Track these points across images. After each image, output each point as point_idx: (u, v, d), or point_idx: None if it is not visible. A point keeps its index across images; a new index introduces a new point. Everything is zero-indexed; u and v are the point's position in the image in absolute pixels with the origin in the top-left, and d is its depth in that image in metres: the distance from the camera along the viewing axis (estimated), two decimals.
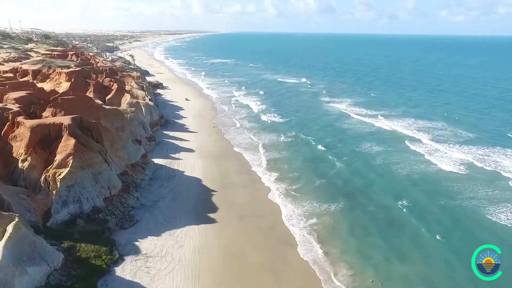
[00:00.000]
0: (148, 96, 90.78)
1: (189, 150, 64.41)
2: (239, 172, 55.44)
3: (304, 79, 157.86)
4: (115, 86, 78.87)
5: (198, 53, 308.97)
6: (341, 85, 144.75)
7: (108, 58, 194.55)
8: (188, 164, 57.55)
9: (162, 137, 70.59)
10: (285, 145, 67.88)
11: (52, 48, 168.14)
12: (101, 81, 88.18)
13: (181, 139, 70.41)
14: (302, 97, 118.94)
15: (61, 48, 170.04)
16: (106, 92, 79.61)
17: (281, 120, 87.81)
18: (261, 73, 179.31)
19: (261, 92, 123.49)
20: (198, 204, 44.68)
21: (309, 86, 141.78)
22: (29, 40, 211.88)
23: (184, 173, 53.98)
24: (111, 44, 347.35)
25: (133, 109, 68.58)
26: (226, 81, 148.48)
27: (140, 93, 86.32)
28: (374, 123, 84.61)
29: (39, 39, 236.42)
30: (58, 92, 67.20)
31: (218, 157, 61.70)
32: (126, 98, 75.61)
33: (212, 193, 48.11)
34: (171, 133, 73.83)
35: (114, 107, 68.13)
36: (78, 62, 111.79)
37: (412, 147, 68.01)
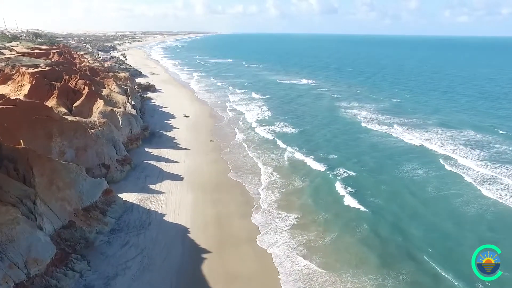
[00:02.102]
0: (131, 102, 74.50)
1: (176, 178, 47.95)
2: (242, 215, 38.91)
3: (309, 81, 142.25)
4: (86, 90, 62.65)
5: (197, 53, 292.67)
6: (348, 87, 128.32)
7: (99, 57, 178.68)
8: (173, 202, 41.11)
9: (143, 157, 54.20)
10: (295, 171, 50.81)
11: (36, 46, 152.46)
12: (73, 83, 72.22)
13: (167, 160, 54.00)
14: (307, 101, 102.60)
15: (45, 47, 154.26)
16: (76, 97, 63.46)
17: (286, 130, 71.47)
18: (264, 74, 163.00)
19: (264, 96, 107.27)
20: (179, 282, 28.19)
21: (315, 88, 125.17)
22: (15, 38, 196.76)
23: (165, 218, 37.53)
24: (109, 44, 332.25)
25: (103, 121, 52.23)
26: (225, 83, 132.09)
27: (121, 98, 70.06)
28: (399, 136, 67.49)
29: (27, 37, 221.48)
30: (6, 97, 51.07)
31: (214, 188, 45.23)
32: (99, 106, 59.37)
33: (203, 256, 31.59)
34: (155, 151, 57.43)
35: (78, 118, 51.97)
36: (52, 61, 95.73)
37: (457, 170, 51.50)
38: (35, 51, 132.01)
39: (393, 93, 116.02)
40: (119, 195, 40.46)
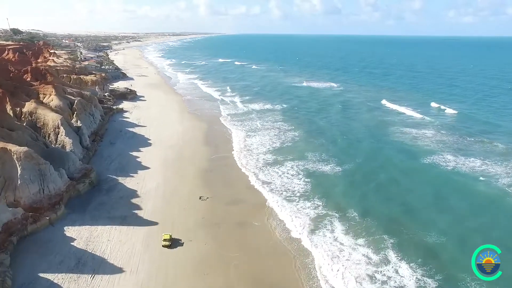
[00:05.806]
0: (78, 122, 45.97)
1: None
2: None
3: (333, 84, 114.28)
4: None
5: (197, 54, 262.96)
6: (383, 91, 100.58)
7: (80, 56, 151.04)
8: None
9: (48, 259, 25.25)
10: None
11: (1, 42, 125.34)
12: None
13: (100, 264, 25.11)
14: (334, 112, 76.36)
15: (10, 42, 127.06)
16: None
17: (324, 170, 43.83)
18: (273, 76, 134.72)
19: (279, 106, 79.79)
20: None
21: (339, 93, 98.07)
22: None
23: None
24: (106, 44, 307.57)
25: None
26: (227, 88, 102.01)
27: (52, 118, 41.32)
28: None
29: (2, 35, 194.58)
30: None
31: None
32: None
33: None
34: (86, 232, 28.43)
35: None
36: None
37: None
38: None
39: (446, 102, 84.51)
40: None
